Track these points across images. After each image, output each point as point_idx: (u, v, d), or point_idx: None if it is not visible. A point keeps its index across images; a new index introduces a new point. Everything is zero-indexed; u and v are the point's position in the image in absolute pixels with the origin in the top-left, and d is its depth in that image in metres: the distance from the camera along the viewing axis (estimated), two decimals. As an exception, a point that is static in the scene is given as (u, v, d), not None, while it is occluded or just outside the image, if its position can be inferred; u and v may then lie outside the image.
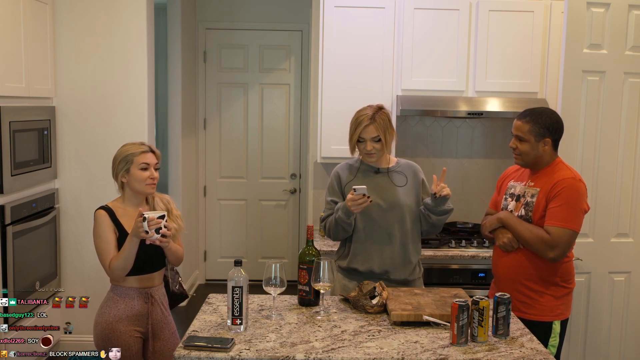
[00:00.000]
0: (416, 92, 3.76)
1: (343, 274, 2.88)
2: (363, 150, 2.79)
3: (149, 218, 2.49)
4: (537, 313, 2.71)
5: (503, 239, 2.76)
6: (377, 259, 2.80)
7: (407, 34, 3.74)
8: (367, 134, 2.73)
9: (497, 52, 3.76)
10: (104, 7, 4.02)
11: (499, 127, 4.19)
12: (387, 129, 2.75)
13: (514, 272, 2.76)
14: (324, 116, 3.80)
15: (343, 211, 2.69)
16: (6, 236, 3.40)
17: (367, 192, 2.60)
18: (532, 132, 2.69)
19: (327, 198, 2.88)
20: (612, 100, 3.34)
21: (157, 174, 2.68)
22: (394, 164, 2.88)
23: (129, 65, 4.07)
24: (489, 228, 2.87)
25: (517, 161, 2.79)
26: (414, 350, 2.15)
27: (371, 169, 2.85)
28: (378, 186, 2.81)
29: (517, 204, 2.79)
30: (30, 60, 3.64)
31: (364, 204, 2.61)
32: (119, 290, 2.67)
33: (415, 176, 2.87)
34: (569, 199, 2.63)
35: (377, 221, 2.79)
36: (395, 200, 2.79)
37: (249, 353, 2.10)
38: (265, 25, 5.70)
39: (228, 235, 5.92)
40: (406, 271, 2.83)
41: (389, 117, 2.78)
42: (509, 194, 2.86)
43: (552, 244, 2.62)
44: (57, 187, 4.08)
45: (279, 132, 5.85)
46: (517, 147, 2.74)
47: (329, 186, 2.89)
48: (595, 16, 3.27)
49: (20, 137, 3.52)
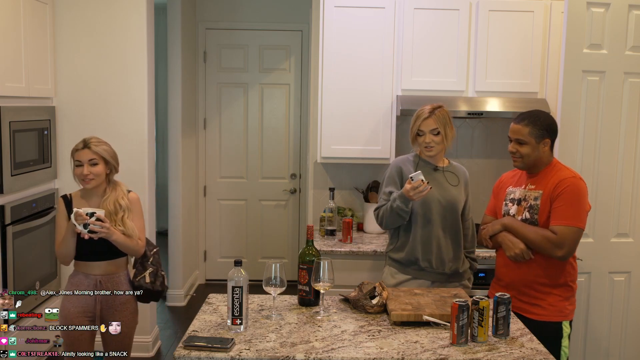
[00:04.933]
0: (416, 92, 3.76)
1: (397, 266, 2.97)
2: (422, 143, 2.89)
3: (77, 213, 2.68)
4: (547, 314, 2.71)
5: (515, 249, 2.72)
6: (436, 251, 2.90)
7: (407, 34, 3.74)
8: (425, 126, 2.85)
9: (497, 52, 3.76)
10: (104, 7, 4.02)
11: (499, 127, 4.19)
12: (446, 123, 2.87)
13: (522, 274, 2.74)
14: (324, 116, 3.81)
15: (401, 200, 2.78)
16: (6, 236, 3.40)
17: (424, 178, 2.71)
18: (532, 134, 2.70)
19: (385, 189, 2.97)
20: (612, 100, 3.34)
21: (92, 170, 2.79)
22: (448, 165, 3.00)
23: (129, 65, 4.07)
24: (490, 233, 2.84)
25: (517, 164, 2.78)
26: (414, 350, 2.15)
27: (430, 166, 2.96)
28: (437, 182, 2.92)
29: (519, 207, 2.77)
30: (30, 60, 3.64)
31: (425, 191, 2.71)
32: (73, 276, 2.89)
33: (464, 177, 3.03)
34: (572, 197, 2.64)
35: (436, 216, 2.89)
36: (452, 197, 2.92)
37: (249, 353, 2.10)
38: (265, 25, 5.70)
39: (228, 235, 5.92)
40: (458, 263, 2.95)
41: (449, 115, 2.90)
42: (509, 199, 2.84)
43: (559, 243, 2.62)
44: (57, 187, 4.08)
45: (279, 132, 5.85)
46: (518, 151, 2.73)
47: (388, 177, 2.98)
48: (595, 16, 3.27)
49: (20, 137, 3.52)
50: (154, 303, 4.46)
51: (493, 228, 2.83)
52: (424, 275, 2.92)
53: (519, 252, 2.70)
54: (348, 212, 4.07)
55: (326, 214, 3.84)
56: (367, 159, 3.88)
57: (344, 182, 4.19)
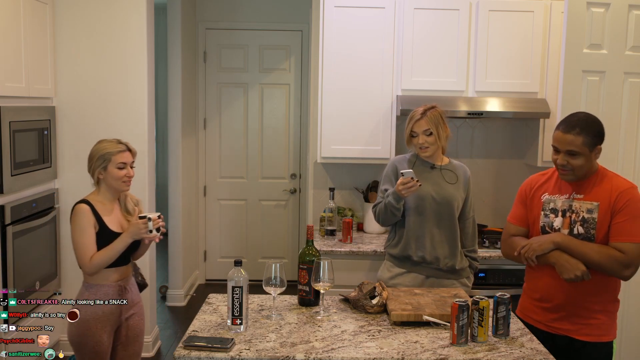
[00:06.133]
0: (416, 92, 3.76)
1: (393, 261, 3.02)
2: (417, 145, 2.94)
3: (153, 218, 2.65)
4: (600, 333, 2.49)
5: (575, 272, 2.38)
6: (429, 247, 2.92)
7: (407, 33, 3.74)
8: (418, 127, 2.90)
9: (497, 52, 3.76)
10: (104, 7, 4.02)
11: (499, 127, 4.19)
12: (439, 124, 2.90)
13: (577, 295, 2.46)
14: (324, 116, 3.81)
15: (393, 197, 2.84)
16: (6, 236, 3.39)
17: (414, 176, 2.75)
18: (586, 144, 2.39)
19: (382, 187, 3.02)
20: (612, 100, 3.34)
21: (133, 172, 2.80)
22: (447, 163, 3.02)
23: (128, 65, 4.07)
24: (539, 252, 2.47)
25: (567, 177, 2.46)
26: (414, 350, 2.15)
27: (427, 164, 2.99)
28: (433, 181, 2.95)
29: (565, 220, 2.49)
30: (30, 60, 3.64)
31: (413, 187, 2.75)
32: (95, 289, 2.75)
33: (465, 175, 3.02)
34: (636, 211, 2.40)
35: (429, 212, 2.92)
36: (447, 195, 2.93)
37: (249, 353, 2.10)
38: (265, 25, 5.70)
39: (228, 235, 5.92)
40: (454, 259, 2.94)
41: (442, 115, 2.93)
42: (549, 209, 2.53)
43: (627, 262, 2.38)
44: (57, 187, 4.08)
45: (279, 132, 5.85)
46: (568, 163, 2.41)
47: (385, 175, 3.04)
48: (595, 16, 3.27)
49: (20, 137, 3.52)
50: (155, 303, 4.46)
51: (542, 247, 2.46)
52: (418, 269, 2.95)
53: (580, 275, 2.38)
54: (348, 212, 4.07)
55: (326, 214, 3.84)
56: (367, 159, 3.88)
57: (344, 182, 4.19)
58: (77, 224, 2.71)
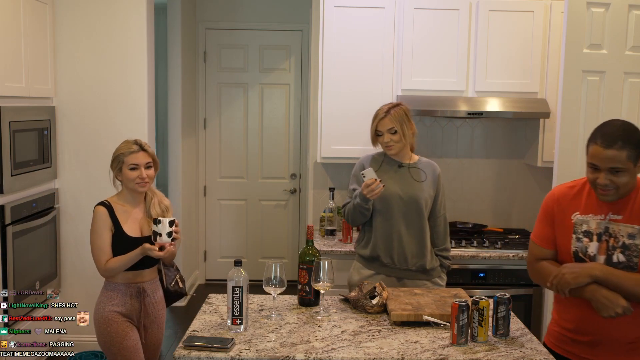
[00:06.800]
0: (416, 92, 3.76)
1: (362, 262, 3.00)
2: (382, 143, 2.94)
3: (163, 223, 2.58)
4: None
5: (615, 309, 2.06)
6: (397, 247, 2.90)
7: (407, 34, 3.74)
8: (382, 126, 2.90)
9: (497, 52, 3.76)
10: (104, 7, 4.02)
11: (499, 127, 4.19)
12: (403, 122, 2.89)
13: (616, 328, 2.15)
14: (324, 116, 3.81)
15: (361, 197, 2.82)
16: (6, 236, 3.40)
17: (375, 176, 2.73)
18: (630, 158, 2.06)
19: (350, 187, 3.02)
20: (612, 100, 3.34)
21: (148, 173, 2.71)
22: (415, 161, 3.00)
23: (129, 66, 4.07)
24: (573, 285, 2.12)
25: (609, 198, 2.12)
26: (414, 350, 2.15)
27: (395, 163, 2.97)
28: (400, 179, 2.94)
29: (601, 245, 2.16)
30: (30, 60, 3.64)
31: (377, 189, 2.73)
32: (112, 286, 2.73)
33: (434, 173, 2.99)
34: None
35: (397, 211, 2.90)
36: (415, 193, 2.91)
37: (249, 353, 2.10)
38: (265, 25, 5.70)
39: (228, 235, 5.92)
40: (424, 259, 2.92)
41: (407, 112, 2.93)
42: (582, 231, 2.20)
43: None
44: (57, 187, 4.08)
45: (279, 132, 5.85)
46: (612, 182, 2.08)
47: (353, 175, 3.03)
48: (595, 16, 3.27)
49: (20, 137, 3.52)
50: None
51: (577, 281, 2.12)
52: (388, 271, 2.92)
53: (620, 312, 2.06)
54: (348, 212, 4.07)
55: (326, 214, 3.84)
56: (367, 159, 3.87)
57: (344, 182, 4.19)
58: (93, 227, 2.69)
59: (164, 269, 2.88)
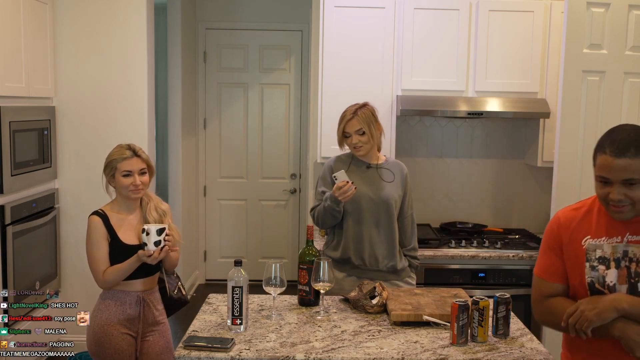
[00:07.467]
0: (416, 92, 3.76)
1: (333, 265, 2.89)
2: (350, 145, 2.91)
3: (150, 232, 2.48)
4: None
5: None
6: (368, 248, 2.88)
7: (407, 34, 3.74)
8: (350, 127, 2.87)
9: (497, 52, 3.76)
10: (104, 7, 4.02)
11: (499, 127, 4.19)
12: (370, 122, 2.87)
13: None
14: (324, 116, 3.80)
15: (332, 200, 2.79)
16: (6, 236, 3.40)
17: (347, 177, 2.72)
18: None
19: (318, 189, 2.98)
20: (612, 100, 3.34)
21: (142, 179, 2.59)
22: (383, 162, 2.99)
23: (129, 66, 4.07)
24: (596, 323, 1.80)
25: (624, 215, 1.83)
26: (414, 350, 2.15)
27: (363, 164, 2.96)
28: (369, 180, 2.92)
29: (620, 272, 1.86)
30: (30, 60, 3.64)
31: (350, 191, 2.72)
32: (111, 294, 2.62)
33: (401, 173, 2.98)
34: None
35: (366, 212, 2.88)
36: (384, 194, 2.89)
37: (249, 353, 2.10)
38: (265, 25, 5.70)
39: (228, 235, 5.92)
40: (394, 259, 2.91)
41: (373, 112, 2.91)
42: (597, 258, 1.89)
43: None
44: (57, 187, 4.08)
45: (279, 132, 5.85)
46: (626, 196, 1.78)
47: (321, 177, 3.00)
48: (595, 16, 3.27)
49: (20, 137, 3.52)
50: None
51: (601, 317, 1.80)
52: (359, 272, 2.90)
53: None
54: (348, 212, 4.07)
55: (326, 214, 3.83)
56: (367, 159, 3.87)
57: (344, 182, 4.19)
58: (89, 238, 2.60)
59: (166, 277, 2.79)
